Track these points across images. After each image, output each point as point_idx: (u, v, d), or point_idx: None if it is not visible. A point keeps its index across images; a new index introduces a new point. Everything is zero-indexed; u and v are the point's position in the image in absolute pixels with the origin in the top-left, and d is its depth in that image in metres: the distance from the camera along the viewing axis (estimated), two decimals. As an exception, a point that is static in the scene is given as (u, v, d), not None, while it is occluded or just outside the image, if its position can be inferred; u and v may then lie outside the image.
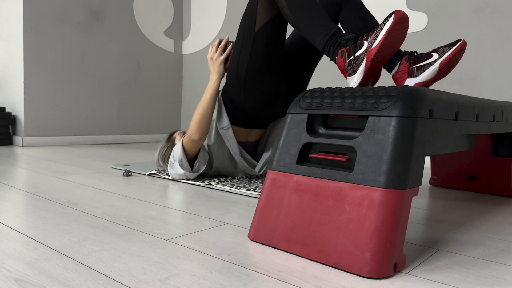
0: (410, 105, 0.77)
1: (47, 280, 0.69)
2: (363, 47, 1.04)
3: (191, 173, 1.62)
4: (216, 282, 0.70)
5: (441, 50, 1.10)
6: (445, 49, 1.09)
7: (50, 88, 3.10)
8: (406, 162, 0.75)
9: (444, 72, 1.10)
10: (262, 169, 1.74)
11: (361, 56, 1.04)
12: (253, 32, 1.45)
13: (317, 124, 0.91)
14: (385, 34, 0.98)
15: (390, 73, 1.21)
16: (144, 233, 0.96)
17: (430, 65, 1.09)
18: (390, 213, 0.73)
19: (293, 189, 0.87)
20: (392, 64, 1.20)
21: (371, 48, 1.01)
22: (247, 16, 1.47)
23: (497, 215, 1.25)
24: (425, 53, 1.13)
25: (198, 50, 3.88)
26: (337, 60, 1.12)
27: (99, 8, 3.35)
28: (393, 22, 0.97)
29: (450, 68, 1.12)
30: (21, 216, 1.08)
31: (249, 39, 1.47)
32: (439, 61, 1.08)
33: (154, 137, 3.83)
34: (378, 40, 0.99)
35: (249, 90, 1.53)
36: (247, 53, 1.48)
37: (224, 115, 1.64)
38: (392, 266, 0.74)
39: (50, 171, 1.85)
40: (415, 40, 2.54)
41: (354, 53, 1.06)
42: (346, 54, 1.08)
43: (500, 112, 1.20)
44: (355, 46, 1.07)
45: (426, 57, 1.11)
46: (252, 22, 1.45)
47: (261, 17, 1.43)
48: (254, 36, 1.45)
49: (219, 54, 1.61)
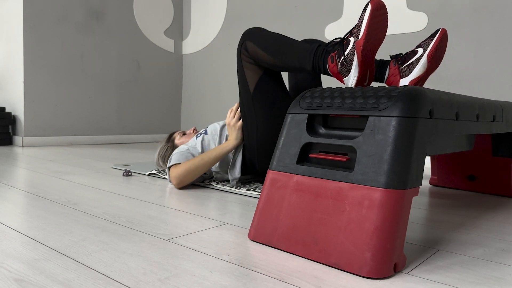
0: (411, 105, 0.77)
1: (47, 280, 0.69)
2: (351, 43, 1.07)
3: None
4: (216, 282, 0.70)
5: (425, 44, 1.12)
6: (428, 42, 1.12)
7: (50, 88, 3.10)
8: (407, 162, 0.75)
9: (434, 63, 1.12)
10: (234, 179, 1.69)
11: (351, 52, 1.06)
12: (250, 95, 1.45)
13: (317, 124, 0.91)
14: (367, 22, 1.02)
15: (383, 82, 1.22)
16: (144, 233, 0.96)
17: (418, 60, 1.11)
18: (390, 213, 0.73)
19: (293, 189, 0.87)
20: (382, 72, 1.21)
21: (357, 40, 1.03)
22: (240, 83, 1.48)
23: (497, 215, 1.25)
24: (409, 51, 1.15)
25: (198, 50, 3.88)
26: (329, 67, 1.14)
27: (99, 8, 3.35)
28: (372, 10, 1.01)
29: (439, 59, 1.13)
30: (21, 216, 1.08)
31: (250, 104, 1.47)
32: (425, 54, 1.10)
33: (154, 137, 3.83)
34: (363, 30, 1.02)
35: (263, 160, 1.52)
36: (252, 119, 1.47)
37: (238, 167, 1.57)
38: (392, 266, 0.74)
39: (50, 171, 1.85)
40: (415, 40, 2.54)
41: (343, 52, 1.08)
42: (336, 57, 1.11)
43: (500, 112, 1.20)
44: (342, 46, 1.09)
45: (412, 54, 1.13)
46: (245, 86, 1.46)
47: (251, 78, 1.44)
48: (252, 99, 1.45)
49: (236, 120, 1.55)
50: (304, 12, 3.07)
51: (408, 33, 2.57)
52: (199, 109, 3.89)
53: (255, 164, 1.55)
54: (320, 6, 2.98)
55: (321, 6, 2.98)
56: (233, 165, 1.59)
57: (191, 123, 3.97)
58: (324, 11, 2.96)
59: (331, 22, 2.93)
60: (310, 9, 3.04)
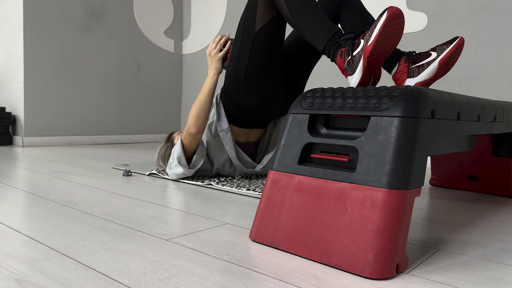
0: (413, 105, 0.77)
1: (47, 280, 0.69)
2: (360, 46, 1.04)
3: (188, 170, 1.62)
4: (216, 282, 0.70)
5: (439, 49, 1.10)
6: (443, 47, 1.09)
7: (50, 88, 3.09)
8: (409, 163, 0.75)
9: (443, 70, 1.10)
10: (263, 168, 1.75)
11: (358, 55, 1.04)
12: (253, 32, 1.46)
13: (318, 124, 0.91)
14: (379, 30, 0.98)
15: (390, 73, 1.21)
16: (144, 233, 0.96)
17: (429, 64, 1.09)
18: (393, 214, 0.73)
19: (295, 190, 0.87)
20: (391, 64, 1.20)
21: (366, 45, 1.01)
22: (247, 16, 1.47)
23: (497, 215, 1.25)
24: (423, 52, 1.12)
25: (198, 50, 3.87)
26: (337, 61, 1.12)
27: (99, 8, 3.35)
28: (387, 19, 0.97)
29: (450, 66, 1.11)
30: (21, 216, 1.08)
31: (249, 39, 1.47)
32: (438, 59, 1.08)
33: (154, 137, 3.83)
34: (373, 37, 0.99)
35: (249, 90, 1.53)
36: (246, 53, 1.48)
37: (223, 117, 1.65)
38: (395, 267, 0.74)
39: (50, 171, 1.84)
40: (415, 40, 2.54)
41: (352, 52, 1.06)
42: (345, 54, 1.08)
43: (501, 112, 1.20)
44: (352, 45, 1.07)
45: (425, 56, 1.11)
46: (251, 23, 1.45)
47: (260, 18, 1.44)
48: (253, 37, 1.46)
49: (217, 50, 1.62)
50: (304, 12, 3.07)
51: (408, 33, 2.57)
52: (199, 109, 3.89)
53: (240, 97, 1.57)
54: (320, 6, 2.98)
55: (321, 6, 2.97)
56: (219, 118, 1.64)
57: (191, 123, 3.97)
58: (324, 11, 2.96)
59: (331, 22, 2.92)
60: (310, 9, 3.04)
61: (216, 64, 1.63)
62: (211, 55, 1.64)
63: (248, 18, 1.47)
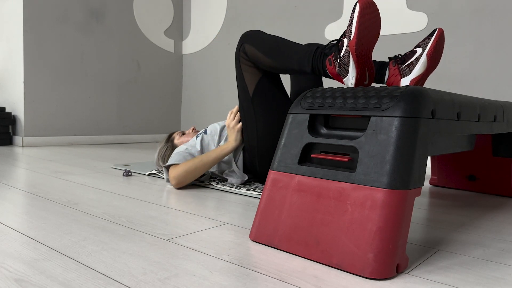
0: (413, 105, 0.77)
1: (47, 280, 0.68)
2: (345, 44, 1.08)
3: None
4: (216, 282, 0.70)
5: (423, 43, 1.13)
6: (426, 41, 1.13)
7: (50, 88, 3.09)
8: (409, 163, 0.75)
9: (433, 62, 1.13)
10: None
11: (346, 53, 1.07)
12: (249, 98, 1.45)
13: (318, 124, 0.91)
14: (357, 22, 1.02)
15: (383, 83, 1.22)
16: (144, 233, 0.96)
17: (418, 59, 1.12)
18: (393, 214, 0.73)
19: (295, 190, 0.87)
20: (382, 74, 1.21)
21: (350, 40, 1.04)
22: (238, 85, 1.48)
23: (497, 215, 1.25)
24: (408, 52, 1.16)
25: (198, 50, 3.87)
26: (328, 70, 1.15)
27: (99, 8, 3.35)
28: (360, 9, 1.02)
29: (438, 57, 1.14)
30: (21, 216, 1.08)
31: (249, 108, 1.47)
32: (424, 53, 1.11)
33: (154, 137, 3.82)
34: (354, 30, 1.03)
35: (263, 162, 1.51)
36: (252, 122, 1.47)
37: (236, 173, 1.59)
38: (395, 267, 0.74)
39: (50, 171, 1.84)
40: (415, 40, 2.54)
41: (339, 54, 1.09)
42: (334, 59, 1.12)
43: (501, 112, 1.20)
44: (338, 48, 1.10)
45: (411, 54, 1.14)
46: (244, 89, 1.46)
47: (250, 81, 1.44)
48: (252, 102, 1.45)
49: (236, 122, 1.56)
50: (304, 12, 3.07)
51: (408, 33, 2.57)
52: (199, 109, 3.89)
53: (256, 165, 1.55)
54: (320, 6, 2.98)
55: (321, 6, 2.98)
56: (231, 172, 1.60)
57: (191, 123, 3.97)
58: (324, 11, 2.96)
59: (331, 22, 2.93)
60: (310, 9, 3.04)
61: (235, 136, 1.55)
62: (229, 127, 1.57)
63: (240, 87, 1.48)
